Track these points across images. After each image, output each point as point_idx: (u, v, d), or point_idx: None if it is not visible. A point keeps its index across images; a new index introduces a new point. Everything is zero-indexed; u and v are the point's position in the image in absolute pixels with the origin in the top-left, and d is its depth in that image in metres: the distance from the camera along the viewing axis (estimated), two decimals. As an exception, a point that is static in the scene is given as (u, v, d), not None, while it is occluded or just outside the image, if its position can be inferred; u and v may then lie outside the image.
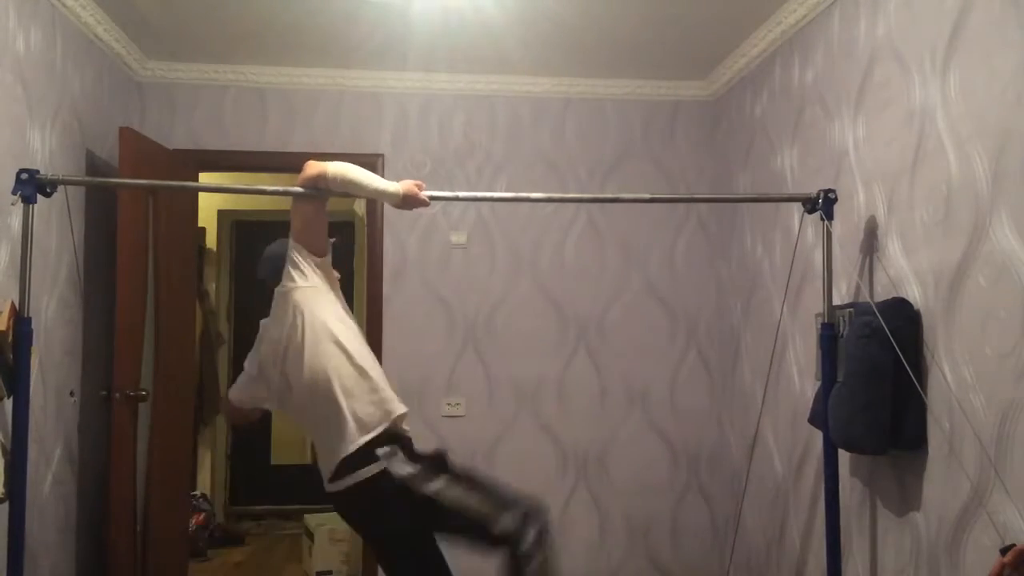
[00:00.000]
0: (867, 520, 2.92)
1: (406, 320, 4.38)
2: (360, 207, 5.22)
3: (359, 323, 2.87)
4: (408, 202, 2.71)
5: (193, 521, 5.24)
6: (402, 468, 2.43)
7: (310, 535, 4.99)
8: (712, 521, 4.47)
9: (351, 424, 2.45)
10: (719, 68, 4.30)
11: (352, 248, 5.50)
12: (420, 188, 2.72)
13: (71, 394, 3.44)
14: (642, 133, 4.57)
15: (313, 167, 2.60)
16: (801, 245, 3.37)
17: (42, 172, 2.74)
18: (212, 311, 6.18)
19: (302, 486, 6.48)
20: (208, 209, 6.11)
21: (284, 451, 6.65)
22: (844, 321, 2.93)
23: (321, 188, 2.60)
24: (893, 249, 2.79)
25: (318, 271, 2.58)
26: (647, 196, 4.39)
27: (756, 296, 4.01)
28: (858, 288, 2.99)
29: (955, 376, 2.45)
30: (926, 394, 2.55)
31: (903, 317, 2.61)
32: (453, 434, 4.33)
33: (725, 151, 4.43)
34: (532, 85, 4.48)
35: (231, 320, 6.57)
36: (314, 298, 2.54)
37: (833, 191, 2.94)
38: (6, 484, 2.59)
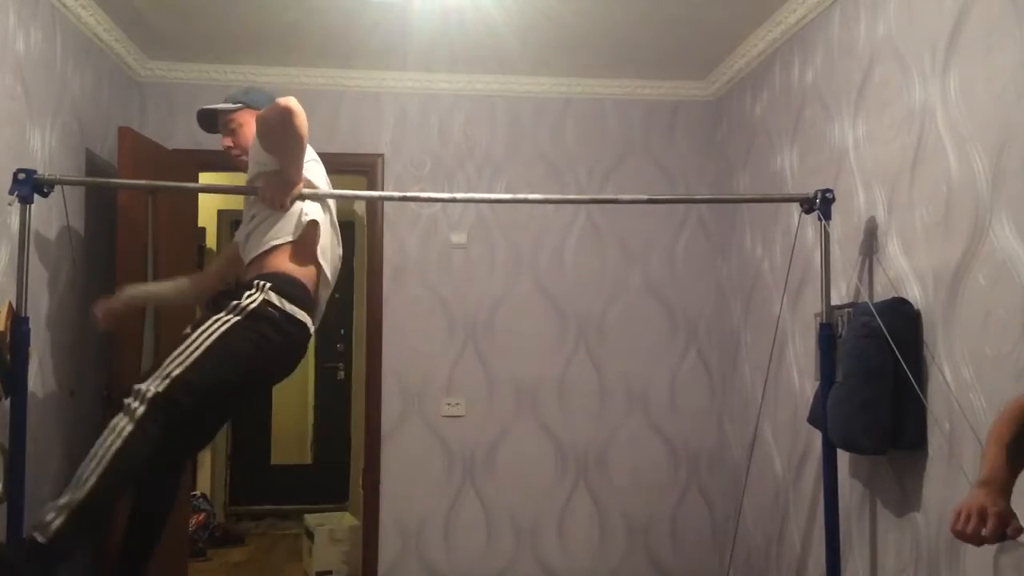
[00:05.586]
0: (867, 520, 2.92)
1: (406, 320, 4.37)
2: (360, 208, 5.22)
3: (359, 323, 2.86)
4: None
5: (193, 521, 5.24)
6: None
7: (310, 535, 4.99)
8: (712, 521, 4.47)
9: None
10: (719, 68, 4.30)
11: (352, 248, 5.49)
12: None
13: (71, 394, 3.44)
14: (642, 133, 4.57)
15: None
16: (801, 245, 3.36)
17: (41, 172, 2.74)
18: (212, 311, 6.17)
19: (302, 486, 6.51)
20: (208, 209, 6.11)
21: (284, 451, 6.65)
22: (843, 321, 2.92)
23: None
24: (893, 249, 2.79)
25: None
26: (645, 197, 4.37)
27: (756, 296, 4.00)
28: (858, 288, 2.98)
29: (955, 376, 2.44)
30: (926, 394, 2.55)
31: (903, 317, 2.61)
32: (453, 434, 4.33)
33: (725, 151, 4.42)
34: (532, 85, 4.48)
35: (231, 320, 6.56)
36: None
37: (830, 191, 2.94)
38: (5, 484, 2.59)
